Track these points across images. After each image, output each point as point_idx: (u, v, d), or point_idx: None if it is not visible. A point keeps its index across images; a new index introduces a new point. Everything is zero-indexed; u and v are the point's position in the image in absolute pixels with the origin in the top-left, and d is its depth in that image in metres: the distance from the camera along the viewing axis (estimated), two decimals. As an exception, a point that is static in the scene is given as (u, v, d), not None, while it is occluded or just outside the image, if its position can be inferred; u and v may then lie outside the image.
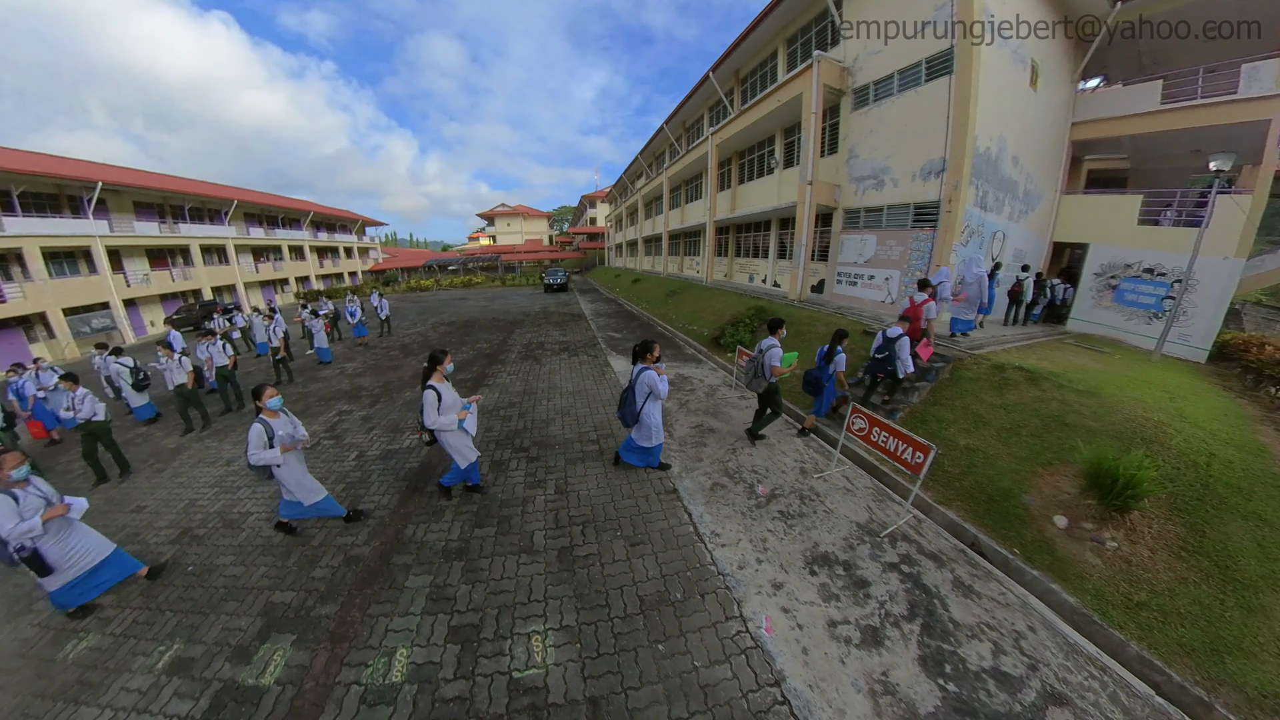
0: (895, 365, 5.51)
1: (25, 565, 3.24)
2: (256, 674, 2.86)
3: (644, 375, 4.38)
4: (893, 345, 5.50)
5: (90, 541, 3.59)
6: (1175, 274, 8.49)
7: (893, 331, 5.57)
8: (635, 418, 4.51)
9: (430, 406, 3.99)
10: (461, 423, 4.23)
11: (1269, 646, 2.80)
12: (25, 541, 3.18)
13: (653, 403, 4.48)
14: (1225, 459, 4.06)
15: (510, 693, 2.66)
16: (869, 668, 2.77)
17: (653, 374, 4.34)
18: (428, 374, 4.16)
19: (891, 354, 5.51)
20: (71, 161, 20.80)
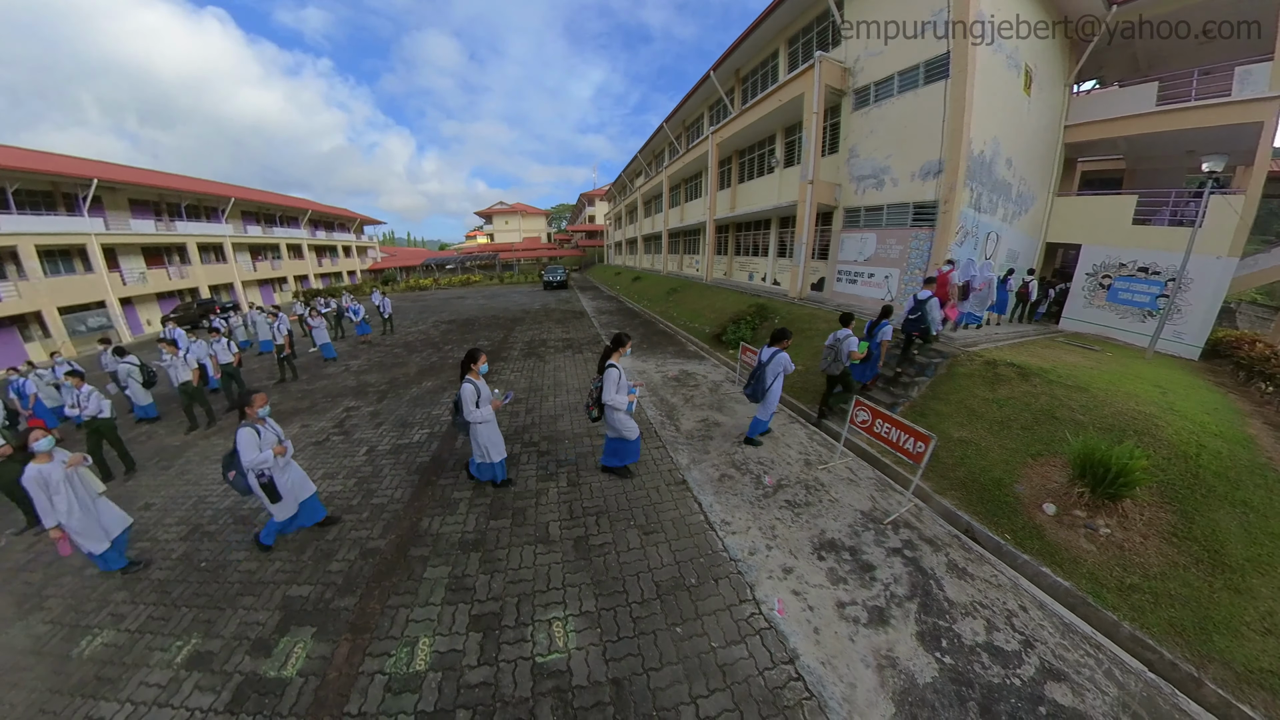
0: (928, 324, 6.10)
1: (262, 491, 3.74)
2: (278, 666, 2.89)
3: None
4: (924, 306, 6.07)
5: (301, 480, 4.06)
6: (1169, 273, 8.66)
7: (923, 294, 6.14)
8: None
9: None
10: (630, 405, 4.33)
11: (1255, 625, 2.94)
12: (265, 469, 3.67)
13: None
14: (1214, 450, 4.21)
15: (535, 677, 2.74)
16: (876, 645, 2.89)
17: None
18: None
19: (924, 314, 6.07)
20: (66, 158, 20.61)
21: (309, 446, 6.24)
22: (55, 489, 3.50)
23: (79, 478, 3.73)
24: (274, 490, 3.78)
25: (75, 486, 3.65)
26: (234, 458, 3.70)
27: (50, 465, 3.55)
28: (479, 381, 4.26)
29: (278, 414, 7.73)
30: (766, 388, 4.95)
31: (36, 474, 3.46)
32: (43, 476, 3.47)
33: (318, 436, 6.56)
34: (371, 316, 15.44)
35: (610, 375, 4.19)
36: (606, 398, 4.20)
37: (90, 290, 18.34)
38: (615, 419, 4.42)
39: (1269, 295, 18.36)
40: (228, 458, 3.80)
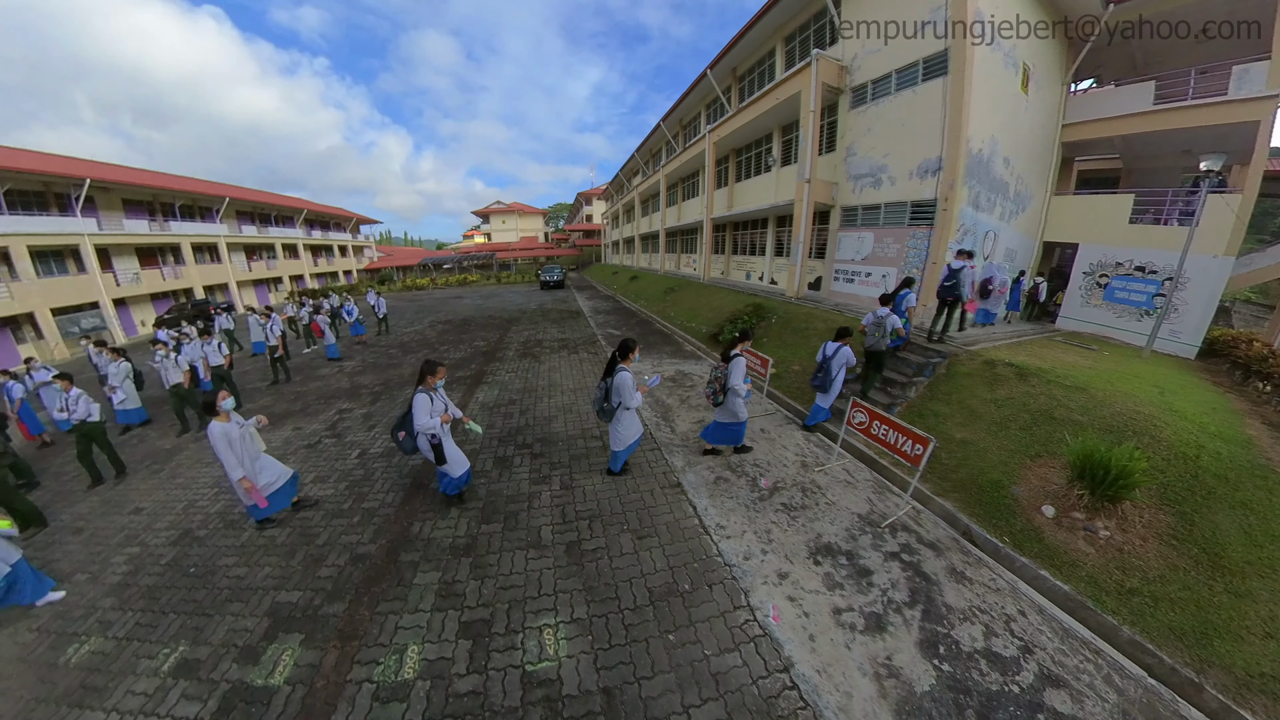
0: (961, 291, 6.73)
1: (431, 452, 4.03)
2: (265, 674, 2.85)
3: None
4: (958, 275, 6.71)
5: (456, 449, 4.36)
6: (1166, 272, 8.64)
7: (957, 264, 6.74)
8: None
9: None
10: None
11: (1255, 629, 2.90)
12: (436, 433, 3.99)
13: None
14: (1214, 451, 4.18)
15: (524, 685, 2.69)
16: (873, 652, 2.84)
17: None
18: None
19: (957, 282, 6.72)
20: (58, 158, 20.44)
21: (301, 449, 6.17)
22: (235, 443, 3.95)
23: (250, 437, 4.20)
24: (441, 452, 4.08)
25: (247, 445, 4.14)
26: (406, 420, 4.03)
27: (230, 424, 3.99)
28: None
29: (270, 416, 7.66)
30: (833, 378, 5.40)
31: (221, 432, 3.90)
32: (226, 434, 3.91)
33: (310, 439, 6.49)
34: (366, 317, 15.35)
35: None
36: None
37: (83, 291, 18.20)
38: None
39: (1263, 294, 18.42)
40: (400, 419, 4.12)
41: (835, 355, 5.35)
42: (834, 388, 5.55)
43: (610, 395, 4.26)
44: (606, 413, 4.35)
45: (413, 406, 3.94)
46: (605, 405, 4.31)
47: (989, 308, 8.47)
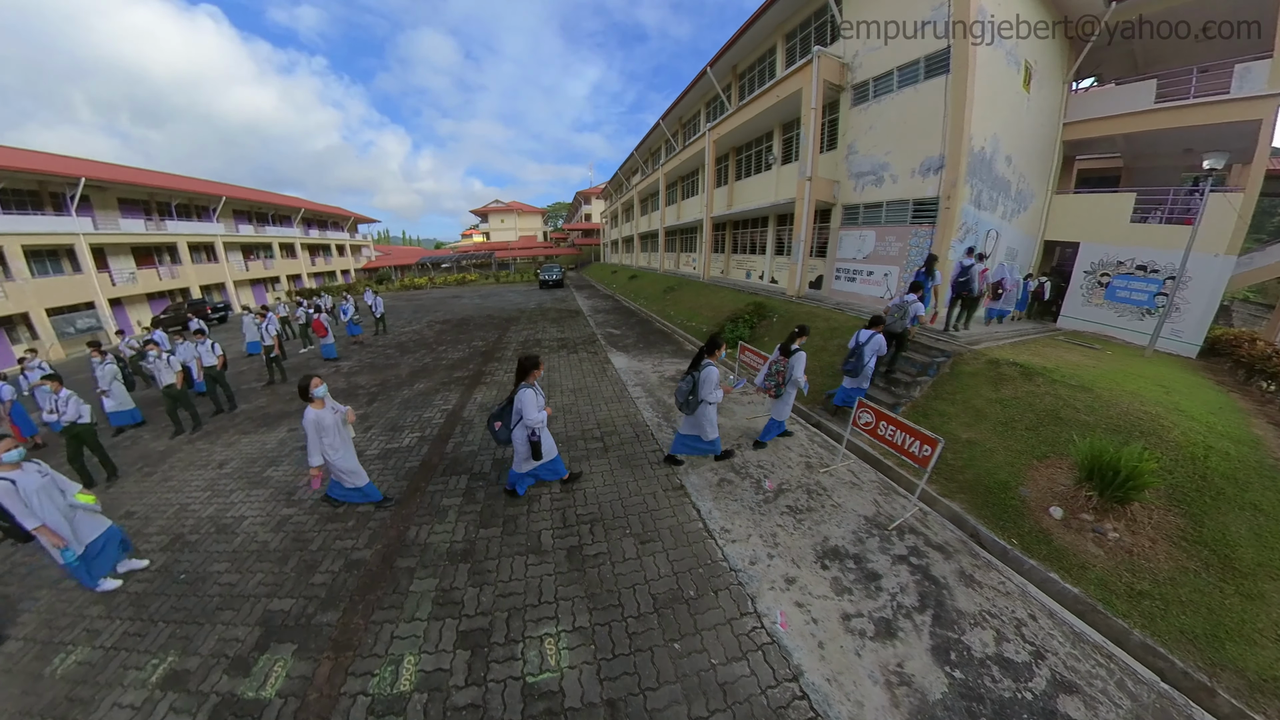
0: (973, 287, 7.15)
1: (529, 447, 4.15)
2: (257, 686, 2.76)
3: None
4: (969, 271, 7.15)
5: (552, 442, 4.45)
6: (1167, 271, 8.61)
7: (967, 261, 7.22)
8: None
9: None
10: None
11: (1267, 632, 2.85)
12: (537, 429, 4.09)
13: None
14: (1222, 451, 4.13)
15: (525, 698, 2.61)
16: (884, 659, 2.78)
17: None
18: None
19: (970, 278, 7.13)
20: (53, 157, 20.27)
21: (295, 451, 6.08)
22: (326, 431, 4.10)
23: (340, 425, 4.32)
24: (539, 448, 4.18)
25: (340, 433, 4.29)
26: (504, 412, 4.16)
27: (324, 410, 4.13)
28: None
29: (264, 417, 7.56)
30: (865, 363, 5.53)
31: (315, 418, 4.03)
32: (318, 421, 4.05)
33: (305, 441, 6.38)
34: (364, 316, 15.22)
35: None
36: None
37: (79, 291, 18.06)
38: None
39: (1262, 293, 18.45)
40: (499, 411, 4.20)
41: (868, 342, 5.50)
42: (865, 372, 5.74)
43: (697, 389, 4.41)
44: (690, 405, 4.51)
45: (521, 401, 4.02)
46: (691, 398, 4.47)
47: (1001, 306, 8.97)
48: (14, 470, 3.45)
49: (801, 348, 4.99)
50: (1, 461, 3.42)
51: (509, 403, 4.14)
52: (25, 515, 3.40)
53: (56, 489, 3.62)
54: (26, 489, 3.43)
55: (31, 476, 3.51)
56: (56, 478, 3.69)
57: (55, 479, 3.67)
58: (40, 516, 3.43)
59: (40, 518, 3.43)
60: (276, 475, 5.45)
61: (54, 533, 3.47)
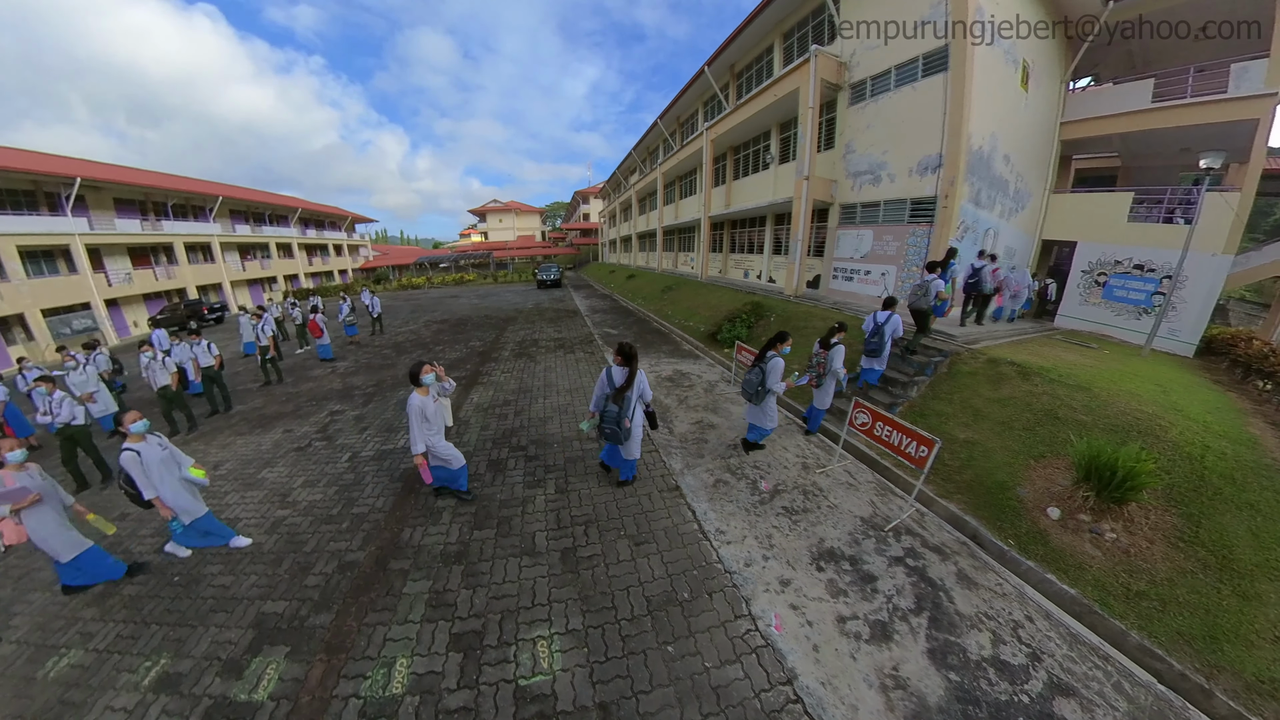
0: (984, 286, 7.73)
1: (647, 420, 4.38)
2: (249, 689, 2.75)
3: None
4: (980, 272, 7.67)
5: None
6: (1164, 270, 8.61)
7: (979, 263, 7.74)
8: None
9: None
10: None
11: (1265, 633, 2.84)
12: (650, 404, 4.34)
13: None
14: (1219, 451, 4.12)
15: (517, 701, 2.59)
16: (880, 662, 2.76)
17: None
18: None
19: (981, 278, 7.66)
20: (49, 156, 20.17)
21: (290, 452, 6.05)
22: (429, 417, 4.12)
23: (441, 410, 4.41)
24: (655, 419, 4.47)
25: (438, 418, 4.31)
26: (624, 393, 4.17)
27: (428, 398, 4.15)
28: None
29: (259, 418, 7.53)
30: (884, 342, 5.82)
31: (419, 404, 4.04)
32: (422, 407, 4.07)
33: (300, 442, 6.37)
34: (360, 316, 15.17)
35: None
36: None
37: (74, 292, 17.97)
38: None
39: (1258, 292, 18.48)
40: (617, 391, 4.22)
41: (887, 322, 5.76)
42: (885, 352, 5.99)
43: (765, 379, 4.69)
44: (759, 395, 4.77)
45: (641, 380, 4.19)
46: (760, 389, 4.73)
47: (1011, 305, 9.37)
48: (139, 442, 3.71)
49: (841, 342, 5.32)
50: (130, 433, 3.69)
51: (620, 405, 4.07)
52: (146, 485, 3.68)
53: (174, 462, 3.90)
54: (149, 461, 3.70)
55: (154, 449, 3.79)
56: (175, 452, 3.97)
57: (174, 453, 3.95)
58: (158, 488, 3.72)
59: (157, 489, 3.72)
60: (271, 477, 5.41)
61: (165, 505, 3.77)
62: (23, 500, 3.39)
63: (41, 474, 3.64)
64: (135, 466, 3.64)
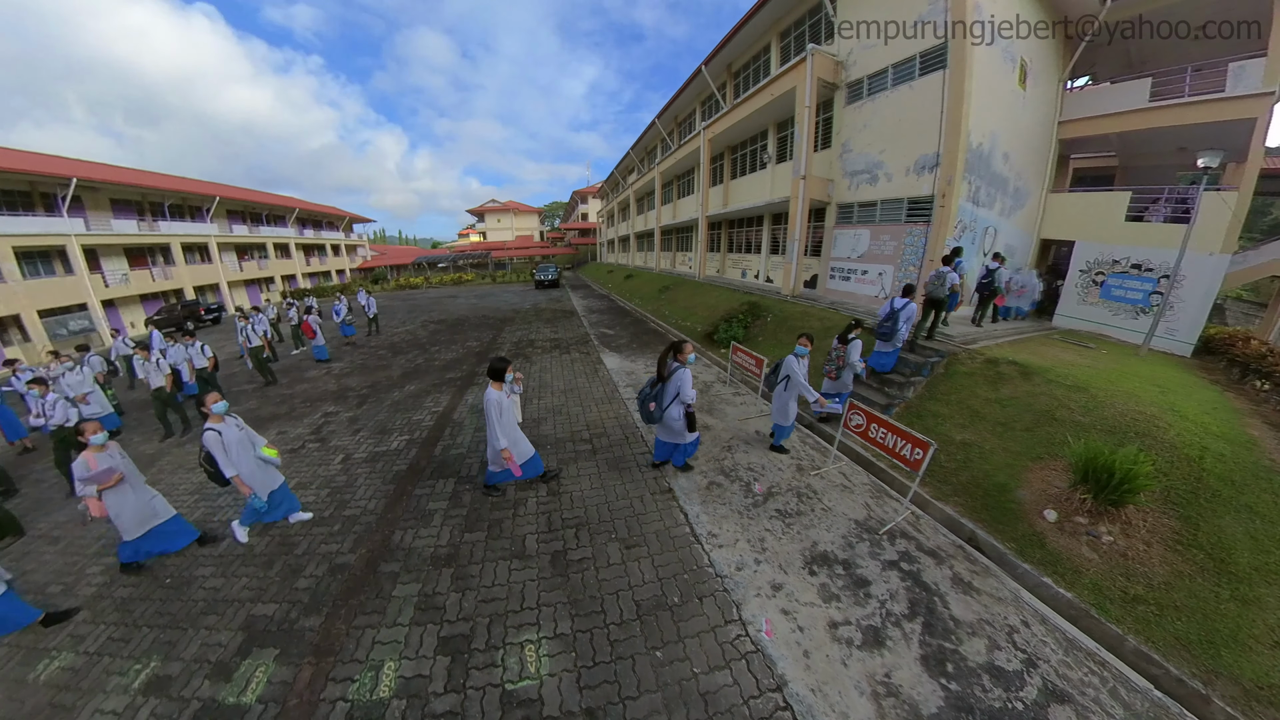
0: (997, 287, 8.05)
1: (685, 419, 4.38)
2: (238, 692, 2.74)
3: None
4: (994, 274, 7.92)
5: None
6: (1162, 270, 8.58)
7: (993, 265, 7.98)
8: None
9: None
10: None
11: (1263, 638, 2.81)
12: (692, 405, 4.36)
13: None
14: (1218, 452, 4.08)
15: (504, 705, 2.56)
16: (871, 669, 2.72)
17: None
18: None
19: (993, 279, 7.93)
20: (44, 157, 20.12)
21: (283, 454, 5.99)
22: (505, 411, 4.14)
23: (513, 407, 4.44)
24: (694, 420, 4.46)
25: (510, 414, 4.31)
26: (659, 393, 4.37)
27: (503, 393, 4.18)
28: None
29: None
30: (899, 328, 6.02)
31: (496, 399, 4.08)
32: (499, 402, 4.10)
33: (294, 444, 6.33)
34: (357, 317, 15.13)
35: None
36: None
37: (71, 292, 17.89)
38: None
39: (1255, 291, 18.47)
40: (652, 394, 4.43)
41: (904, 309, 5.95)
42: (899, 337, 6.19)
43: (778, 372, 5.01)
44: (772, 384, 5.09)
45: (680, 380, 4.22)
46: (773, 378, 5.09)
47: (1021, 305, 9.72)
48: (220, 422, 3.87)
49: (858, 338, 5.55)
50: (211, 413, 3.86)
51: (662, 384, 4.32)
52: (226, 464, 3.81)
53: (250, 442, 4.06)
54: (229, 440, 3.85)
55: (233, 430, 3.95)
56: (250, 432, 4.14)
57: (250, 433, 4.12)
58: (237, 466, 3.87)
59: (237, 468, 3.87)
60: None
61: (245, 483, 3.92)
62: (109, 480, 3.64)
63: (121, 453, 3.88)
64: (217, 445, 3.78)
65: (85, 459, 3.65)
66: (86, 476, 3.59)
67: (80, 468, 3.62)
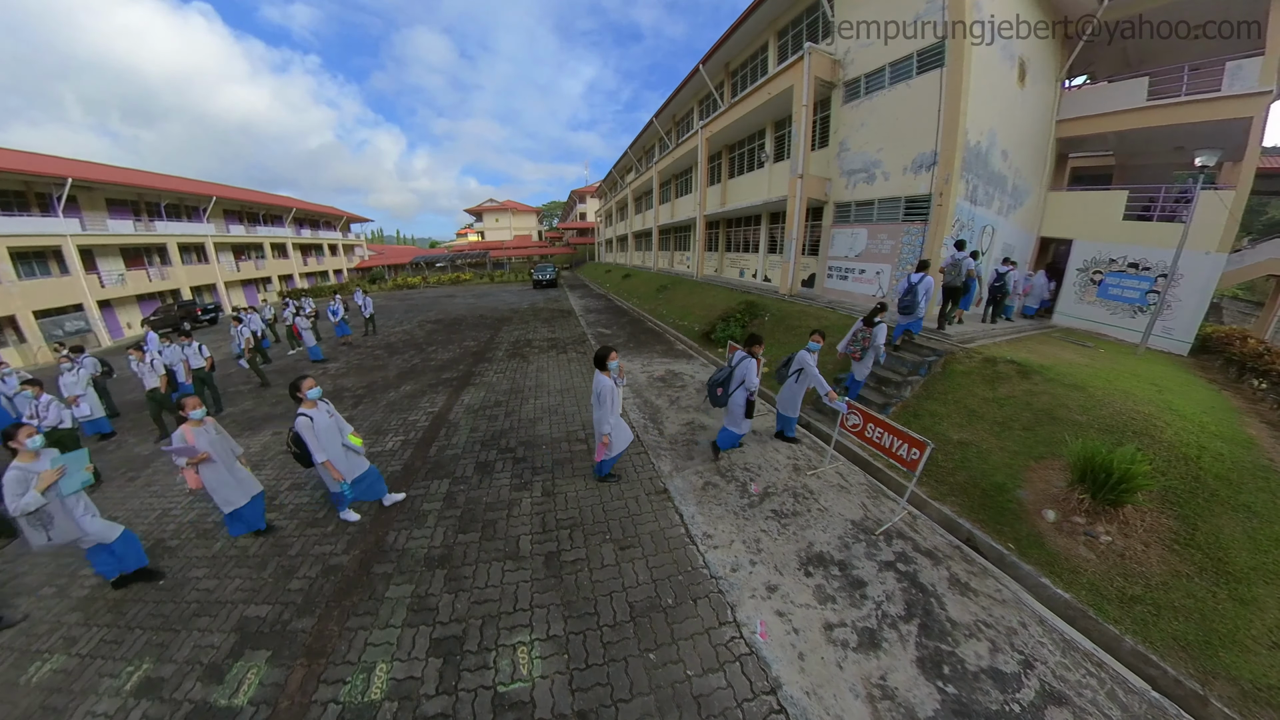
0: (1007, 290, 8.54)
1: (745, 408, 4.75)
2: (229, 694, 2.72)
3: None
4: (1005, 277, 8.36)
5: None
6: (1159, 269, 8.58)
7: (1004, 269, 8.42)
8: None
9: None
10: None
11: (1261, 639, 2.79)
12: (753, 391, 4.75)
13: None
14: (1215, 451, 4.07)
15: (495, 708, 2.54)
16: (867, 671, 2.70)
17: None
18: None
19: (1005, 283, 8.37)
20: (39, 156, 20.02)
21: (279, 455, 5.98)
22: (616, 402, 4.24)
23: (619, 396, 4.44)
24: (753, 408, 4.79)
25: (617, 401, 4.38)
26: (728, 379, 4.69)
27: (610, 380, 4.19)
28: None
29: (249, 420, 7.46)
30: (919, 301, 6.48)
31: (610, 386, 4.14)
32: (613, 390, 4.17)
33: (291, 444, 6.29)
34: (353, 316, 15.08)
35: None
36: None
37: (67, 293, 17.80)
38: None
39: (1250, 290, 18.51)
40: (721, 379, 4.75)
41: (920, 282, 6.37)
42: (920, 309, 6.58)
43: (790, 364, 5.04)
44: (783, 377, 5.12)
45: (745, 368, 4.60)
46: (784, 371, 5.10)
47: (1028, 304, 10.34)
48: (313, 408, 3.92)
49: (883, 321, 5.76)
50: (305, 398, 3.91)
51: (730, 370, 4.72)
52: (316, 449, 3.86)
53: (337, 429, 4.09)
54: (320, 426, 3.90)
55: (324, 416, 3.99)
56: (339, 419, 4.17)
57: (339, 420, 4.16)
58: (327, 452, 3.92)
59: (326, 453, 3.92)
60: (260, 479, 5.34)
61: (334, 467, 3.96)
62: (197, 456, 3.74)
63: (217, 429, 4.03)
64: (308, 430, 3.81)
65: (183, 432, 3.78)
66: (176, 449, 3.69)
67: (178, 439, 3.74)
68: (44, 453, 3.45)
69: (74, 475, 3.42)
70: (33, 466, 3.31)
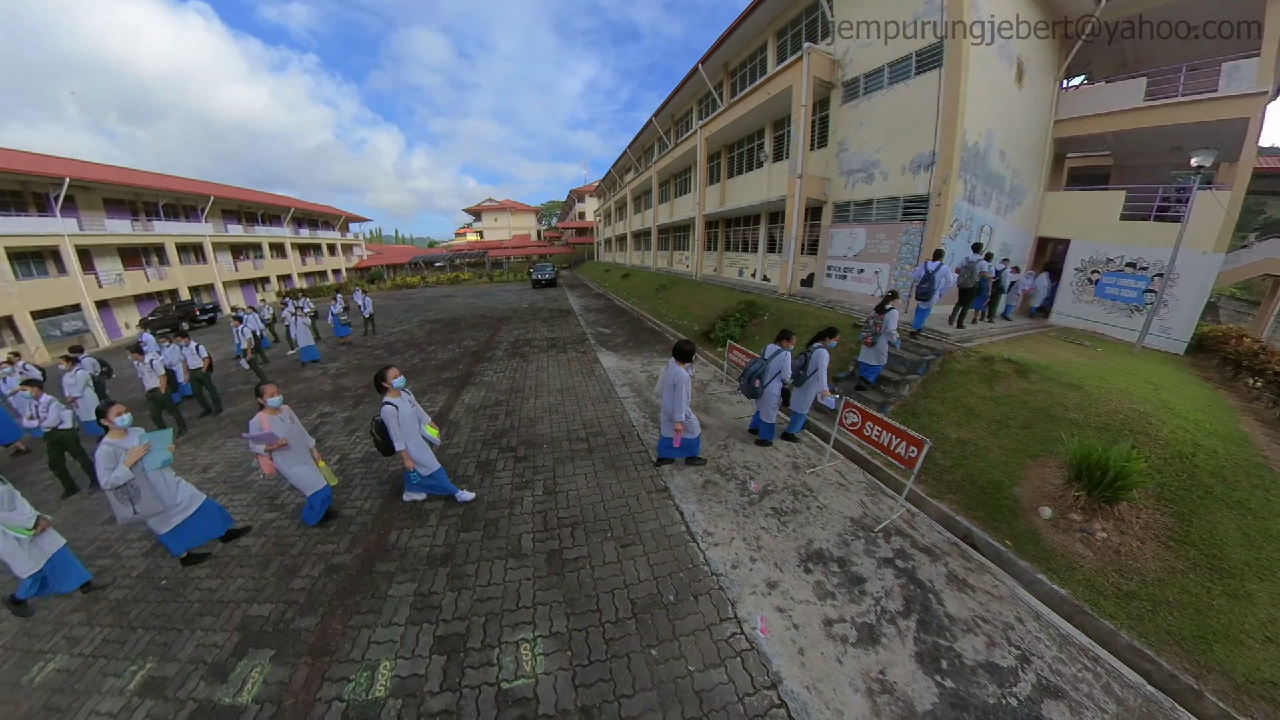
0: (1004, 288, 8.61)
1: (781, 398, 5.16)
2: (233, 692, 2.73)
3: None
4: (1000, 274, 8.25)
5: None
6: (1156, 268, 8.63)
7: (1001, 268, 8.36)
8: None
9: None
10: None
11: (1255, 633, 2.83)
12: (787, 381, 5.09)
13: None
14: (1210, 449, 4.12)
15: (499, 704, 2.56)
16: (866, 666, 2.73)
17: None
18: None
19: (1000, 280, 8.31)
20: (37, 156, 19.95)
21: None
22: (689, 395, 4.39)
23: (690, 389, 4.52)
24: (790, 396, 5.24)
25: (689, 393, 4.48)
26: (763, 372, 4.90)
27: (687, 372, 4.36)
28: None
29: (247, 420, 7.45)
30: (935, 288, 6.73)
31: (687, 377, 4.31)
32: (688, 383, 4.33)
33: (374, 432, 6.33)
34: (352, 316, 15.06)
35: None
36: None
37: (64, 293, 17.76)
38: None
39: (1247, 290, 18.61)
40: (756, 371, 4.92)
41: (937, 270, 6.58)
42: (935, 298, 6.83)
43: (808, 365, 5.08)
44: (801, 379, 5.15)
45: (781, 362, 4.87)
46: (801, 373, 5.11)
47: (1033, 303, 10.65)
48: (397, 397, 4.00)
49: (894, 308, 5.99)
50: (391, 387, 4.02)
51: (764, 362, 4.93)
52: (397, 437, 3.93)
53: (416, 420, 4.19)
54: (403, 415, 3.99)
55: (407, 406, 4.08)
56: (419, 410, 4.25)
57: (419, 410, 4.24)
58: (406, 441, 4.01)
59: (406, 442, 4.01)
60: (260, 479, 5.36)
61: (412, 457, 4.08)
62: (273, 444, 3.82)
63: (293, 418, 4.10)
64: (392, 419, 3.89)
65: (260, 419, 3.84)
66: (254, 435, 3.75)
67: (254, 426, 3.79)
68: (132, 430, 3.63)
69: (157, 453, 3.61)
70: (122, 443, 3.49)
